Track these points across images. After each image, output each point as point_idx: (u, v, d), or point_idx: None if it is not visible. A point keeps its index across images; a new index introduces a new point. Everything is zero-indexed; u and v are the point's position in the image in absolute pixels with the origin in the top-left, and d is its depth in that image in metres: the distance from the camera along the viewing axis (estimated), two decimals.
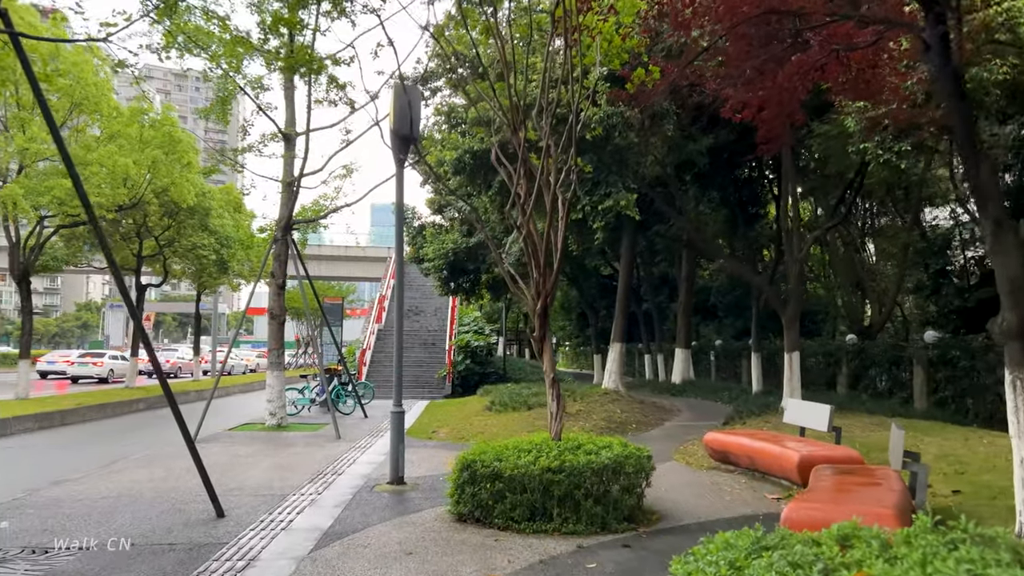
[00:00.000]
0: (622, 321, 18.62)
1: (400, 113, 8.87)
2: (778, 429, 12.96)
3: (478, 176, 14.19)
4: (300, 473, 10.27)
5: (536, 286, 7.63)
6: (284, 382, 16.43)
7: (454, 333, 32.72)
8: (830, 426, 9.25)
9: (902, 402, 16.57)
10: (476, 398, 21.50)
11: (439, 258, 24.16)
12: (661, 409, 17.57)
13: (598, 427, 14.50)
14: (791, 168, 13.83)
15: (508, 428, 14.61)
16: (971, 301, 18.04)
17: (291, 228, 16.46)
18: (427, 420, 17.47)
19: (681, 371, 24.04)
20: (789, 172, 13.76)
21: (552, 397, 7.71)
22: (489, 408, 17.28)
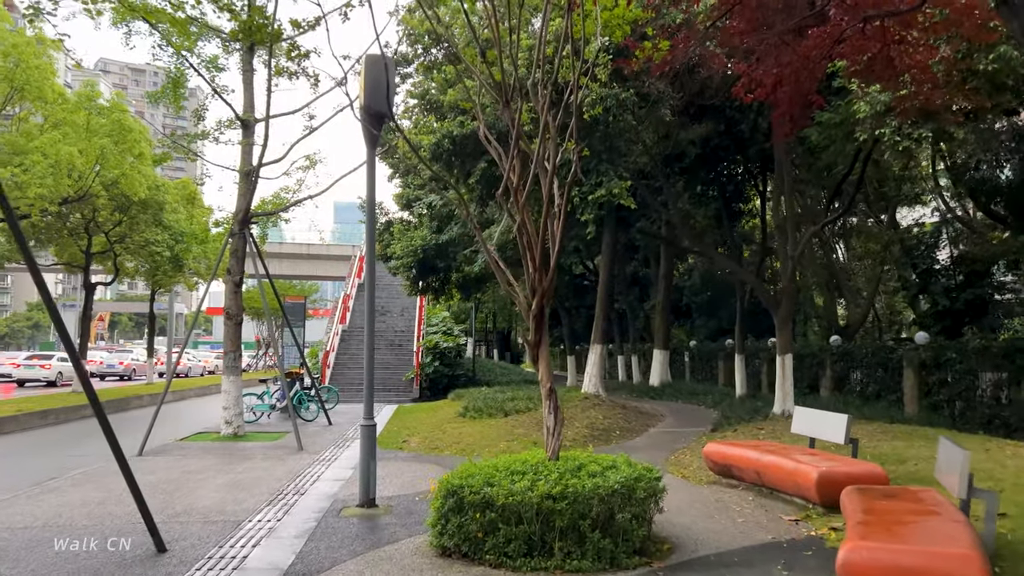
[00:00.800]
0: (603, 322, 17.75)
1: (373, 86, 7.83)
2: (776, 436, 12.18)
3: (456, 164, 13.17)
4: (257, 493, 9.16)
5: (531, 284, 6.66)
6: (241, 387, 15.23)
7: (422, 334, 31.63)
8: (847, 438, 8.43)
9: (890, 406, 15.95)
10: (448, 403, 20.46)
11: (407, 256, 23.06)
12: (643, 414, 16.73)
13: (581, 435, 13.59)
14: (785, 158, 13.08)
15: (485, 437, 13.63)
16: (959, 302, 17.53)
17: (249, 221, 15.26)
18: (396, 427, 16.39)
19: (659, 373, 23.28)
20: (783, 163, 13.01)
21: (549, 410, 6.75)
22: (463, 414, 16.27)
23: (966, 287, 17.71)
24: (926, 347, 15.63)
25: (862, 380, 18.10)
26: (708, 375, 26.40)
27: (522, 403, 16.25)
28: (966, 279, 18.07)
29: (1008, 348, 13.68)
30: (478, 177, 12.78)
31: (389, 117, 7.88)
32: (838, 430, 8.58)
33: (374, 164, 8.18)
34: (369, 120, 7.95)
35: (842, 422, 8.52)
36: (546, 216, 6.46)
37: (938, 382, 15.23)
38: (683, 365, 28.49)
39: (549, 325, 38.40)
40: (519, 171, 6.60)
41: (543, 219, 6.47)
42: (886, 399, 16.62)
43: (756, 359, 21.67)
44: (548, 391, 6.69)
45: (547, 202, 6.48)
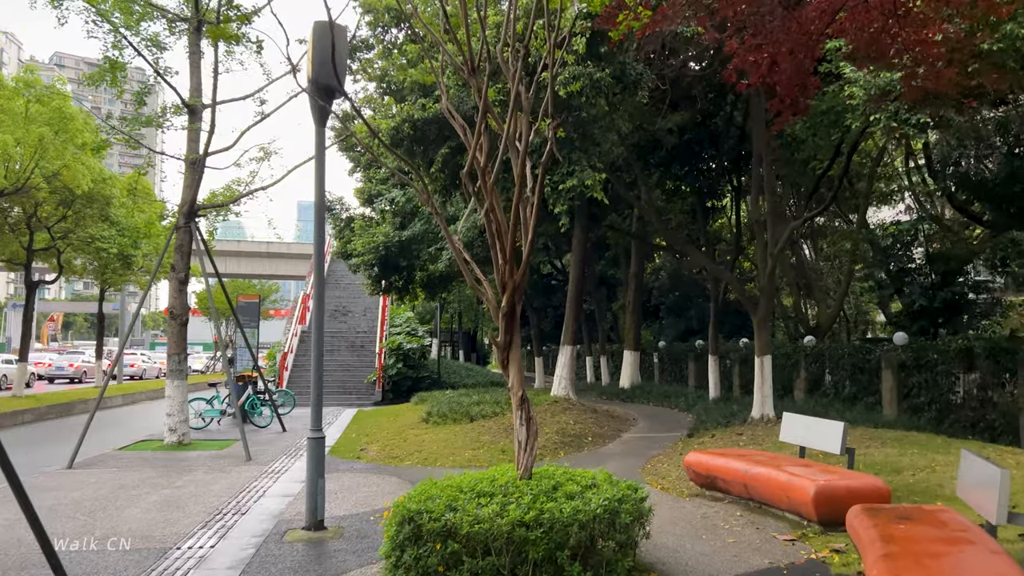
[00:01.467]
0: (573, 322, 16.99)
1: (321, 56, 6.95)
2: (757, 443, 11.53)
3: (418, 152, 12.26)
4: (193, 512, 8.20)
5: (500, 278, 5.83)
6: (187, 392, 14.16)
7: (385, 335, 30.63)
8: (843, 447, 7.75)
9: (869, 409, 15.45)
10: (410, 406, 19.55)
11: (369, 253, 22.05)
12: (615, 418, 16.01)
13: (551, 442, 12.80)
14: (765, 149, 12.45)
15: (449, 445, 12.77)
16: (937, 301, 17.12)
17: (196, 214, 14.19)
18: (354, 434, 15.45)
19: (630, 375, 22.61)
20: (763, 154, 12.38)
21: (521, 420, 5.93)
22: (426, 420, 15.38)
23: (943, 286, 17.32)
24: (905, 348, 15.14)
25: (837, 382, 17.60)
26: (678, 376, 25.81)
27: (489, 407, 15.42)
28: (942, 278, 17.69)
29: (992, 349, 13.23)
30: (440, 165, 11.88)
31: (339, 90, 7.00)
32: (832, 439, 7.90)
33: (323, 144, 7.29)
34: (318, 93, 7.06)
35: (837, 430, 7.84)
36: (517, 201, 5.64)
37: (918, 384, 14.75)
38: (652, 366, 27.89)
39: None
40: (487, 149, 5.77)
41: (514, 204, 5.65)
42: (863, 401, 16.11)
43: (726, 360, 21.13)
44: (520, 400, 5.87)
45: (519, 185, 5.66)
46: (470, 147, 5.64)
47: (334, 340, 32.26)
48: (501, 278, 5.78)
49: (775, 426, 12.91)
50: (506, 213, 5.99)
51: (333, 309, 35.84)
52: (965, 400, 13.88)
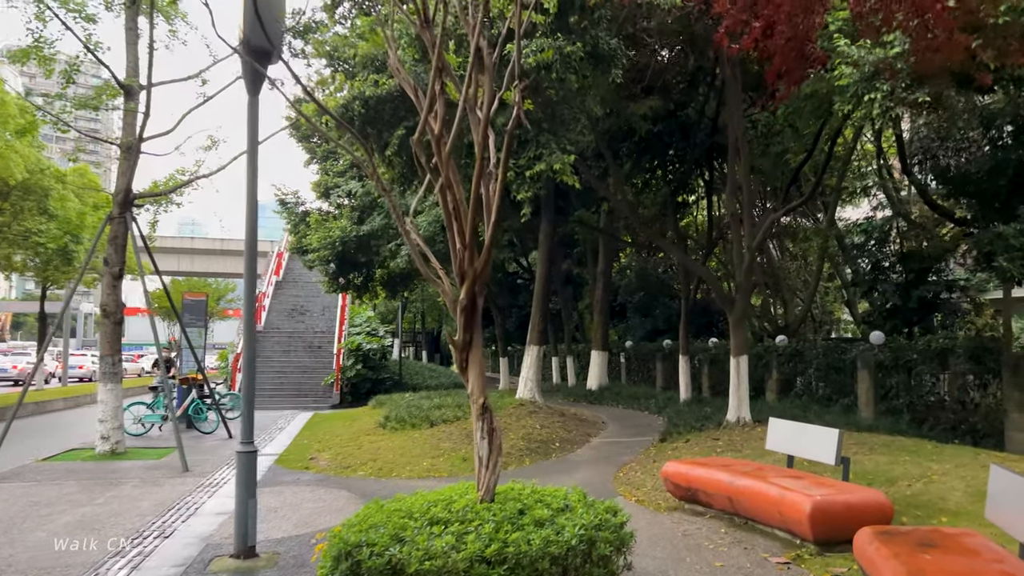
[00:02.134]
0: (540, 321, 16.18)
1: (253, 17, 6.01)
2: (735, 449, 10.83)
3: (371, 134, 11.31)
4: (111, 535, 7.19)
5: (459, 266, 4.97)
6: (121, 397, 13.03)
7: (343, 335, 29.50)
8: (838, 458, 7.04)
9: (845, 411, 14.91)
10: (368, 410, 18.56)
11: (325, 248, 20.97)
12: (584, 422, 15.23)
13: (517, 448, 11.97)
14: (742, 139, 11.77)
15: (407, 452, 11.86)
16: (912, 300, 16.68)
17: (132, 203, 13.07)
18: (306, 440, 14.45)
19: (598, 376, 21.87)
20: (741, 142, 11.69)
21: (482, 433, 5.08)
22: (383, 425, 14.43)
23: (917, 284, 16.89)
24: (883, 347, 14.62)
25: (811, 383, 17.06)
26: (645, 377, 25.17)
27: (450, 411, 14.53)
28: (916, 276, 17.26)
29: (974, 349, 12.74)
30: (396, 148, 10.90)
31: (274, 52, 6.08)
32: (826, 447, 7.18)
33: (257, 113, 6.35)
34: (249, 54, 6.13)
35: (831, 438, 7.13)
36: (479, 175, 4.78)
37: (897, 385, 14.23)
38: (619, 367, 27.23)
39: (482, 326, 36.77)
40: (442, 114, 4.90)
41: (475, 179, 4.79)
42: (839, 403, 15.56)
43: (695, 360, 20.53)
44: (481, 408, 5.02)
45: (480, 156, 4.80)
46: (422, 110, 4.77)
47: (291, 340, 31.06)
48: (460, 266, 4.92)
49: (752, 430, 12.26)
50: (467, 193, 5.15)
51: (290, 308, 34.58)
52: (945, 402, 13.38)
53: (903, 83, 7.45)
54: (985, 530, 6.12)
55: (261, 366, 28.65)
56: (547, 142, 9.05)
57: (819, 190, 16.00)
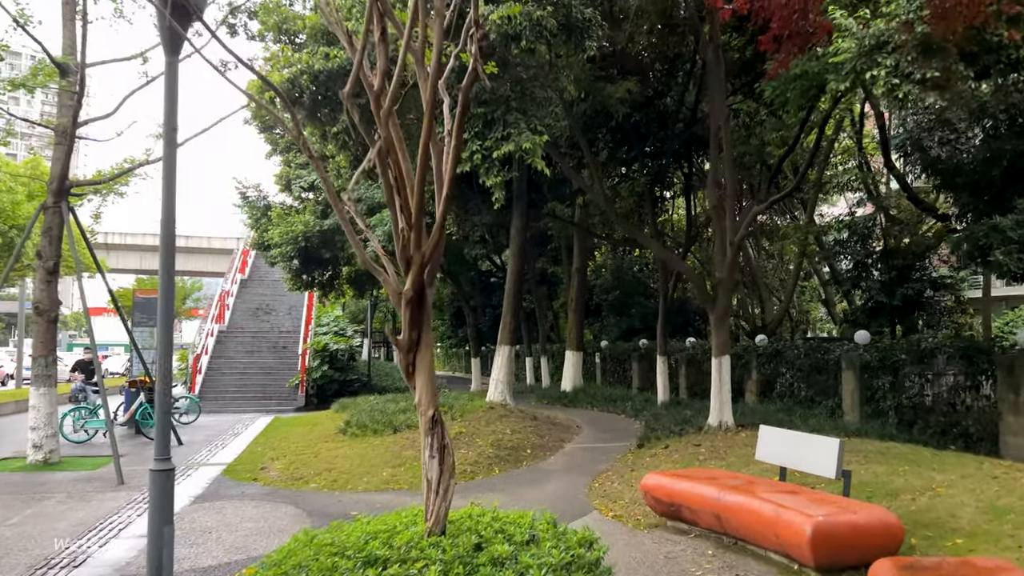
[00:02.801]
0: (512, 320, 15.34)
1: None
2: (719, 456, 10.09)
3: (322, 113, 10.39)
4: (13, 564, 6.25)
5: (403, 248, 4.14)
6: (55, 401, 12.00)
7: (309, 335, 28.46)
8: (839, 471, 6.30)
9: (829, 413, 14.28)
10: (331, 414, 17.62)
11: (287, 244, 19.97)
12: (557, 426, 14.45)
13: (486, 456, 11.14)
14: (725, 125, 11.04)
15: (366, 462, 10.98)
16: (896, 298, 16.12)
17: (68, 192, 12.04)
18: (261, 447, 13.50)
19: (572, 377, 21.10)
20: (724, 133, 10.97)
21: (431, 451, 4.24)
22: (343, 431, 13.53)
23: (902, 282, 16.35)
24: (869, 347, 14.00)
25: (793, 384, 16.41)
26: (621, 377, 24.45)
27: (415, 416, 13.60)
28: (900, 274, 16.71)
29: (967, 349, 12.15)
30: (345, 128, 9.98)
31: (194, 10, 5.19)
32: (824, 459, 6.45)
33: (175, 76, 5.45)
34: (168, 10, 5.23)
35: (830, 449, 6.39)
36: (427, 139, 3.94)
37: (883, 386, 13.61)
38: (594, 367, 26.49)
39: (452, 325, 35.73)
40: (383, 67, 4.06)
41: (422, 142, 3.95)
42: (823, 405, 14.92)
43: (672, 361, 19.86)
44: (431, 422, 4.18)
45: (429, 115, 3.96)
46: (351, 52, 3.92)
47: (255, 341, 29.95)
48: (403, 250, 4.09)
49: (735, 435, 11.56)
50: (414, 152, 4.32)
51: (255, 307, 33.43)
52: (935, 404, 12.78)
53: (908, 56, 6.74)
54: (1008, 554, 5.42)
55: (223, 367, 27.55)
56: (516, 121, 8.23)
57: (804, 180, 15.36)
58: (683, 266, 12.82)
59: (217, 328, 29.69)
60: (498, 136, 8.23)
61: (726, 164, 11.24)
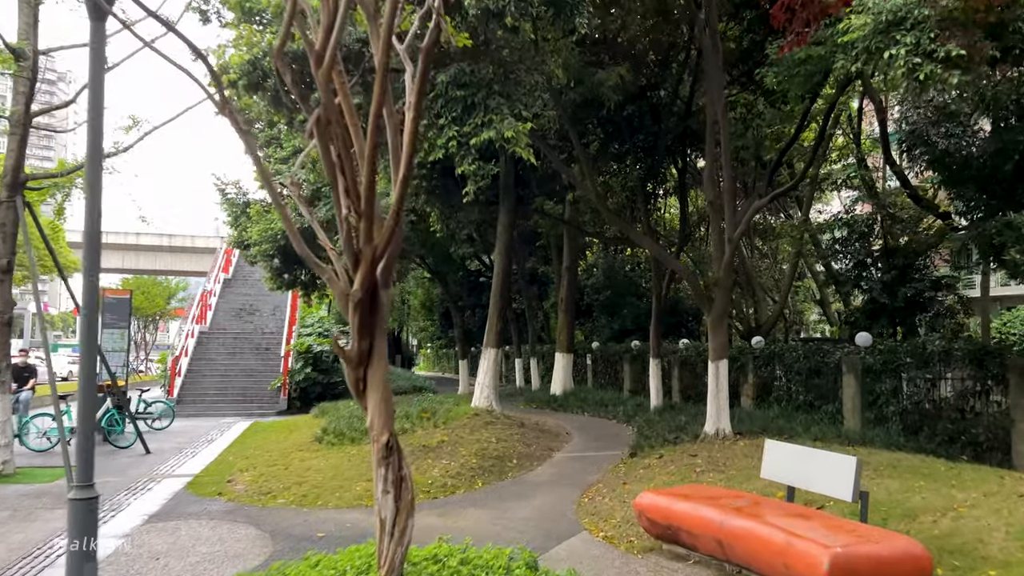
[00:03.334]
0: (498, 321, 14.64)
1: None
2: (717, 468, 9.43)
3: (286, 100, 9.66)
4: None
5: (349, 241, 3.44)
6: (9, 409, 11.26)
7: (293, 336, 27.71)
8: (856, 493, 5.65)
9: (830, 419, 13.66)
10: (310, 419, 16.93)
11: (266, 242, 19.22)
12: (546, 433, 13.77)
13: (468, 467, 10.45)
14: (723, 116, 10.38)
15: (340, 474, 10.27)
16: (899, 298, 15.51)
17: (23, 185, 11.29)
18: (233, 456, 12.78)
19: (562, 380, 20.41)
20: (721, 117, 10.29)
21: (385, 485, 3.55)
22: (319, 439, 12.82)
23: (904, 281, 15.74)
24: (871, 350, 13.38)
25: (790, 387, 15.79)
26: (612, 379, 23.79)
27: (397, 422, 12.92)
28: (901, 273, 16.11)
29: (977, 352, 11.55)
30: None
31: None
32: (839, 479, 5.80)
33: (102, 42, 4.75)
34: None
35: (846, 469, 5.74)
36: (378, 103, 3.25)
37: (887, 391, 13.00)
38: (585, 369, 25.83)
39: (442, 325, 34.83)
40: (327, 23, 3.37)
41: (372, 113, 3.26)
42: (822, 410, 14.30)
43: (665, 362, 19.24)
44: (385, 449, 3.50)
45: (381, 78, 3.27)
46: None
47: (237, 342, 29.18)
48: (350, 241, 3.39)
49: (734, 444, 10.91)
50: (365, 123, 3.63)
51: (239, 308, 32.65)
52: (942, 410, 12.17)
53: (930, 33, 6.10)
54: None
55: (204, 370, 26.77)
56: (499, 107, 7.53)
57: (807, 175, 14.71)
58: (677, 264, 12.15)
59: (198, 329, 28.91)
60: (478, 122, 7.53)
61: (724, 157, 10.57)
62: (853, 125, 19.71)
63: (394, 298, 43.50)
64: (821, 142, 11.71)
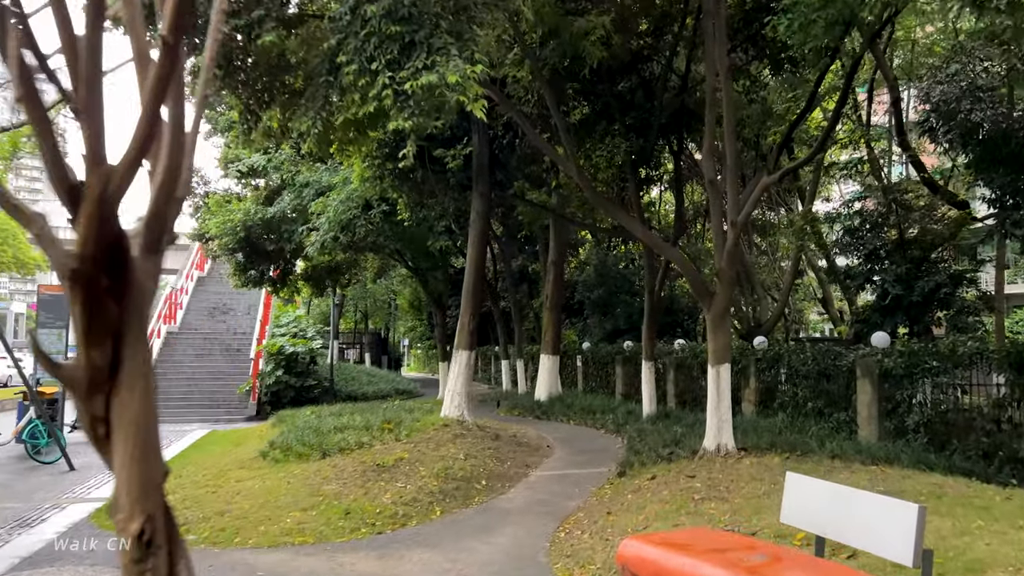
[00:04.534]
0: (471, 319, 13.03)
1: None
2: (718, 494, 7.89)
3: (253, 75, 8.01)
4: None
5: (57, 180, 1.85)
6: None
7: (265, 336, 26.11)
8: (918, 556, 4.08)
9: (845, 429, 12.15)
10: (265, 428, 15.37)
11: (227, 235, 17.63)
12: (524, 446, 12.23)
13: (426, 491, 8.89)
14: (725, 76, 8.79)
15: (273, 500, 8.69)
16: (916, 293, 14.00)
17: None
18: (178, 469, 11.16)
19: (547, 384, 18.85)
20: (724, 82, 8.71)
21: None
22: (265, 453, 11.23)
23: (921, 275, 14.23)
24: (889, 352, 11.86)
25: (796, 393, 14.23)
26: (603, 383, 22.25)
27: (354, 435, 11.41)
28: (919, 266, 14.60)
29: (1018, 355, 10.03)
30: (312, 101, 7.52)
31: None
32: (892, 533, 4.24)
33: None
34: None
35: (906, 520, 4.17)
36: None
37: (908, 398, 11.48)
38: (575, 371, 24.28)
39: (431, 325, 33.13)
40: None
41: None
42: (833, 419, 12.77)
43: (659, 365, 17.73)
44: (138, 549, 1.90)
45: None
46: None
47: (207, 343, 27.59)
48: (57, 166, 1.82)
49: (738, 463, 9.36)
50: None
51: (212, 307, 31.08)
52: (974, 421, 10.66)
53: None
54: None
55: (169, 372, 25.13)
56: (445, 47, 5.97)
57: (828, 144, 13.12)
58: (673, 252, 10.54)
59: (165, 329, 27.28)
60: (418, 65, 6.00)
61: (727, 125, 9.03)
62: (861, 111, 18.21)
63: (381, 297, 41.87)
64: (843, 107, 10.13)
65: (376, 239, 17.40)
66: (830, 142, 14.86)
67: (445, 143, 12.15)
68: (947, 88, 12.17)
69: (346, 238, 16.36)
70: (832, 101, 13.54)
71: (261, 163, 17.73)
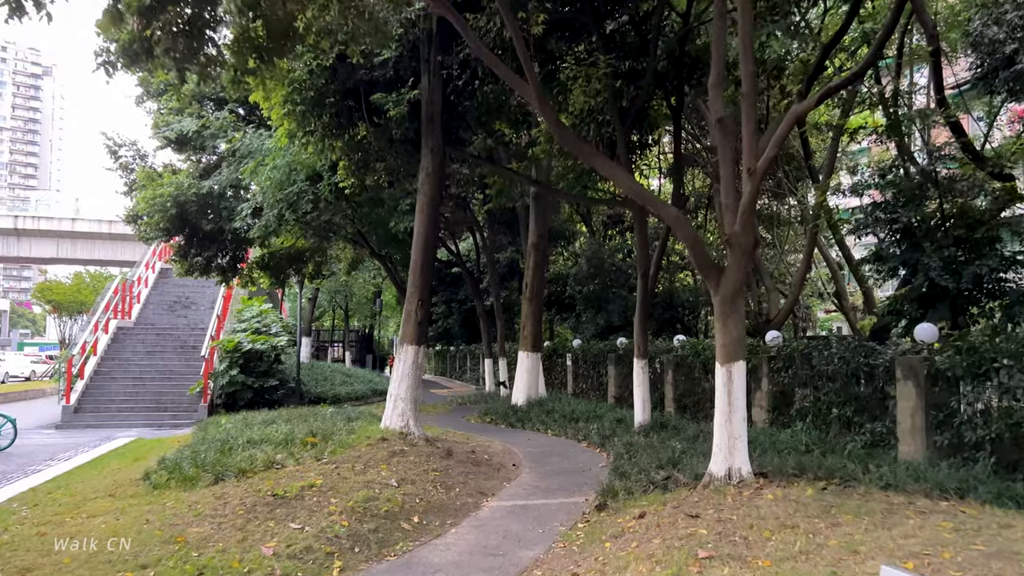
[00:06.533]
0: (419, 308, 10.51)
1: None
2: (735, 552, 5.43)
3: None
4: None
5: None
6: None
7: (223, 331, 23.71)
8: None
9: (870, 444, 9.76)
10: (182, 438, 12.86)
11: (156, 212, 15.17)
12: (483, 465, 9.78)
13: (327, 536, 6.45)
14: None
15: (113, 550, 6.24)
16: (964, 279, 11.59)
17: None
18: (18, 503, 8.71)
19: (527, 385, 16.36)
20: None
21: None
22: (148, 476, 8.78)
23: (972, 259, 11.82)
24: (942, 350, 9.42)
25: (819, 399, 11.78)
26: (596, 384, 19.83)
27: (272, 449, 9.01)
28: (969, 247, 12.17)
29: None
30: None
31: None
32: None
33: None
34: None
35: None
36: None
37: (966, 407, 9.04)
38: (564, 370, 21.86)
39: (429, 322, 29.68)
40: None
41: None
42: (864, 430, 10.33)
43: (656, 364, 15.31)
44: None
45: None
46: None
47: (160, 339, 25.19)
48: None
49: (756, 496, 6.91)
50: None
51: (172, 300, 28.71)
52: None
53: None
54: None
55: (115, 371, 22.73)
56: None
57: (879, 56, 10.59)
58: (669, 212, 7.95)
59: (115, 324, 24.84)
60: None
61: (741, 39, 6.60)
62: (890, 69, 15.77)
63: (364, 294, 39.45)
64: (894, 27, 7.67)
65: (331, 218, 14.98)
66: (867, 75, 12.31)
67: (388, 86, 9.74)
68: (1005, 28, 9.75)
69: (292, 216, 13.94)
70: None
71: (192, 127, 15.29)
